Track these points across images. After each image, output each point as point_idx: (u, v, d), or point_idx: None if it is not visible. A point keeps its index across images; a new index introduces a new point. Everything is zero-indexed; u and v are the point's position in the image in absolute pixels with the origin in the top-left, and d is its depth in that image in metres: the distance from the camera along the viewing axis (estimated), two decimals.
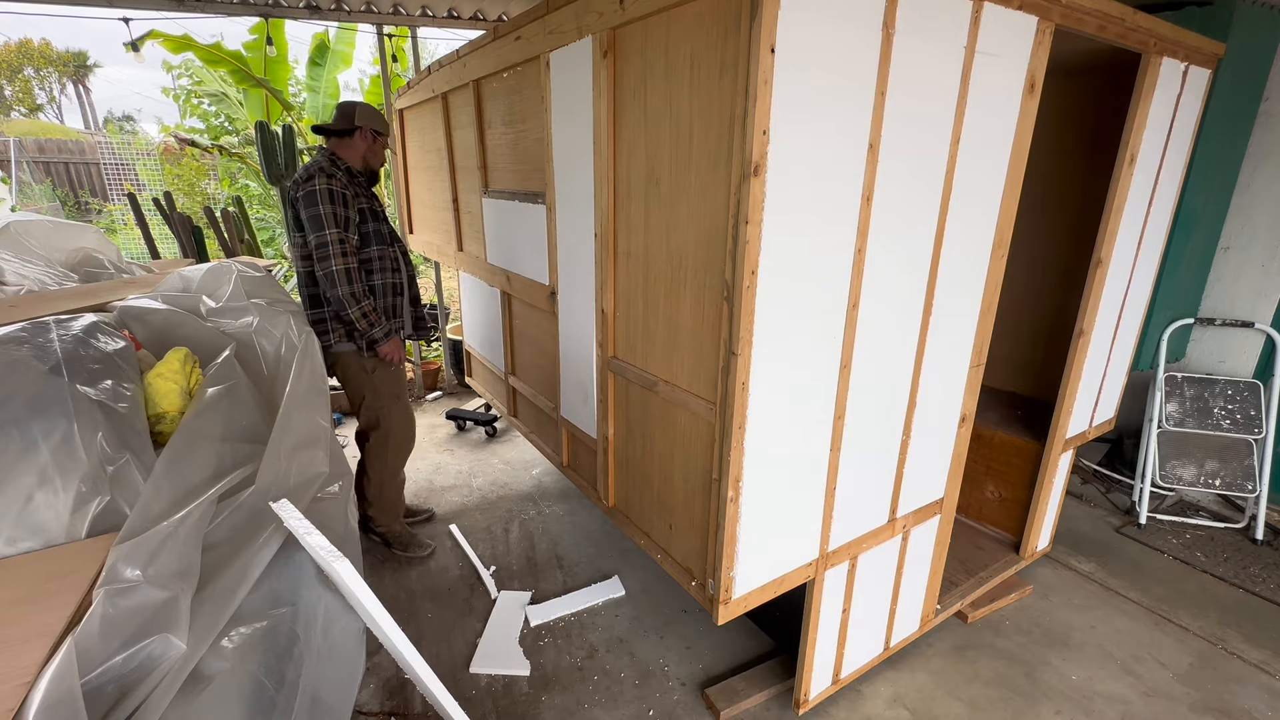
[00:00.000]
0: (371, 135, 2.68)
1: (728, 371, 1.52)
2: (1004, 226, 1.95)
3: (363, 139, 2.66)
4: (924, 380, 1.94)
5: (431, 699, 1.51)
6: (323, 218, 2.43)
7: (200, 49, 5.33)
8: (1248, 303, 3.32)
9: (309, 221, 2.46)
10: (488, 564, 3.00)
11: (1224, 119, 2.96)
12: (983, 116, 1.74)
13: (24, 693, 0.98)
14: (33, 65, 17.25)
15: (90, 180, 10.34)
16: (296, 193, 2.49)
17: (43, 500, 1.34)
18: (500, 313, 3.12)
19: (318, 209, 2.44)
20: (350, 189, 2.55)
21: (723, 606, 1.71)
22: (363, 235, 2.61)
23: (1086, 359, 2.52)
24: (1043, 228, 3.05)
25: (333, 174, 2.51)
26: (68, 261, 2.79)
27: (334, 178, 2.49)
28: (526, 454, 4.13)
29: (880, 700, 2.24)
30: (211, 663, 1.20)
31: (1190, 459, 3.33)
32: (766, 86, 1.30)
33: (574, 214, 2.15)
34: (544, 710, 2.21)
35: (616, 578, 2.87)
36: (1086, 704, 2.23)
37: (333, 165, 2.55)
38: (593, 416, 2.30)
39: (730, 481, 1.59)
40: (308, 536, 1.33)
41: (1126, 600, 2.77)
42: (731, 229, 1.43)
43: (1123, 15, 1.93)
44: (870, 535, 2.02)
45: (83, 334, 1.65)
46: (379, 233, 2.66)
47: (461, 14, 4.38)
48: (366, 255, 2.64)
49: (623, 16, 1.68)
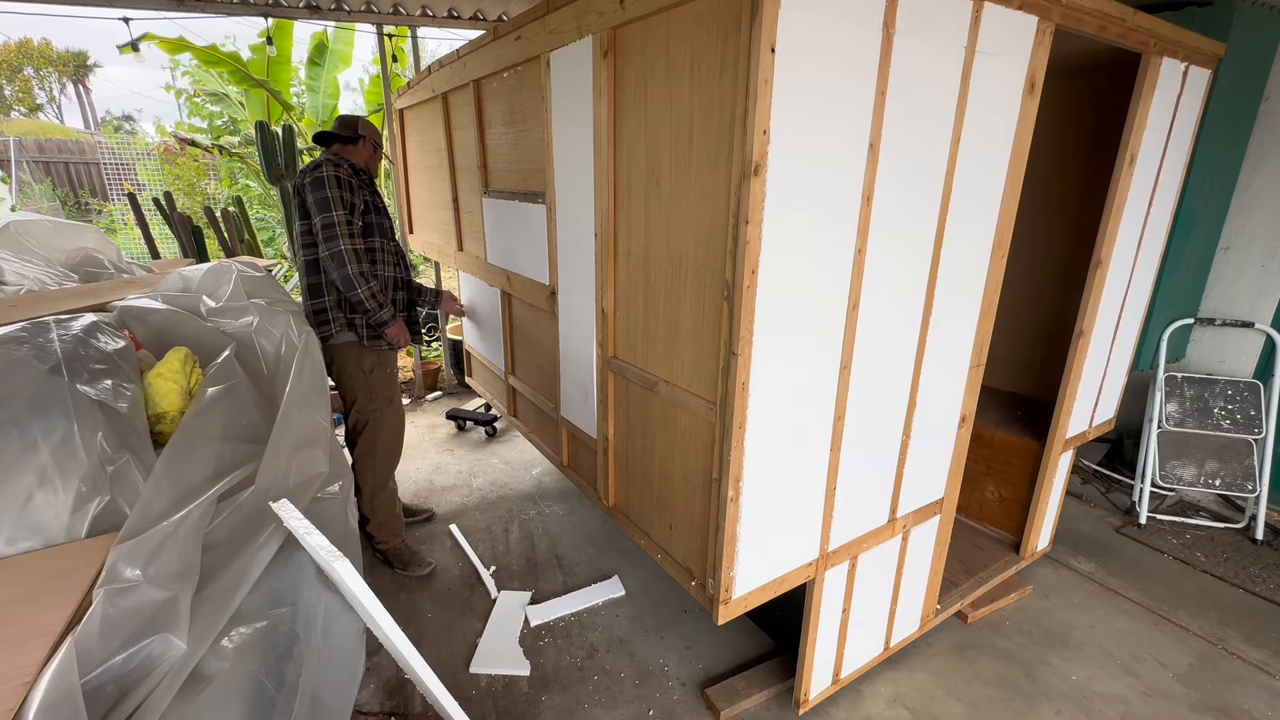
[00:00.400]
0: (372, 146, 2.76)
1: (728, 371, 1.52)
2: (1004, 226, 1.95)
3: (365, 147, 2.74)
4: (924, 380, 1.94)
5: (431, 699, 1.51)
6: (330, 200, 2.47)
7: (197, 50, 5.33)
8: (1248, 303, 3.32)
9: (316, 204, 2.48)
10: (488, 564, 3.00)
11: (1224, 119, 2.96)
12: (983, 116, 1.74)
13: (24, 692, 0.98)
14: (33, 65, 17.25)
15: (90, 180, 10.34)
16: (304, 179, 2.53)
17: (43, 500, 1.34)
18: (500, 313, 3.12)
19: (325, 192, 2.47)
20: (356, 180, 2.60)
21: (723, 606, 1.71)
22: (365, 225, 2.64)
23: (1086, 359, 2.52)
24: (1043, 228, 3.05)
25: (339, 164, 2.56)
26: (68, 261, 2.79)
27: (340, 167, 2.55)
28: (526, 454, 4.13)
29: (880, 700, 2.24)
30: (211, 663, 1.20)
31: (1190, 459, 3.33)
32: (767, 86, 1.30)
33: (574, 214, 2.15)
34: (544, 710, 2.21)
35: (616, 578, 2.87)
36: (1086, 704, 2.23)
37: (339, 159, 2.60)
38: (593, 416, 2.30)
39: (730, 481, 1.59)
40: (308, 536, 1.33)
41: (1126, 600, 2.77)
42: (732, 229, 1.43)
43: (1123, 15, 1.93)
44: (870, 535, 2.02)
45: (83, 334, 1.65)
46: (381, 226, 2.70)
47: (461, 14, 4.38)
48: (370, 244, 2.66)
49: (623, 16, 1.68)
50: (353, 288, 2.50)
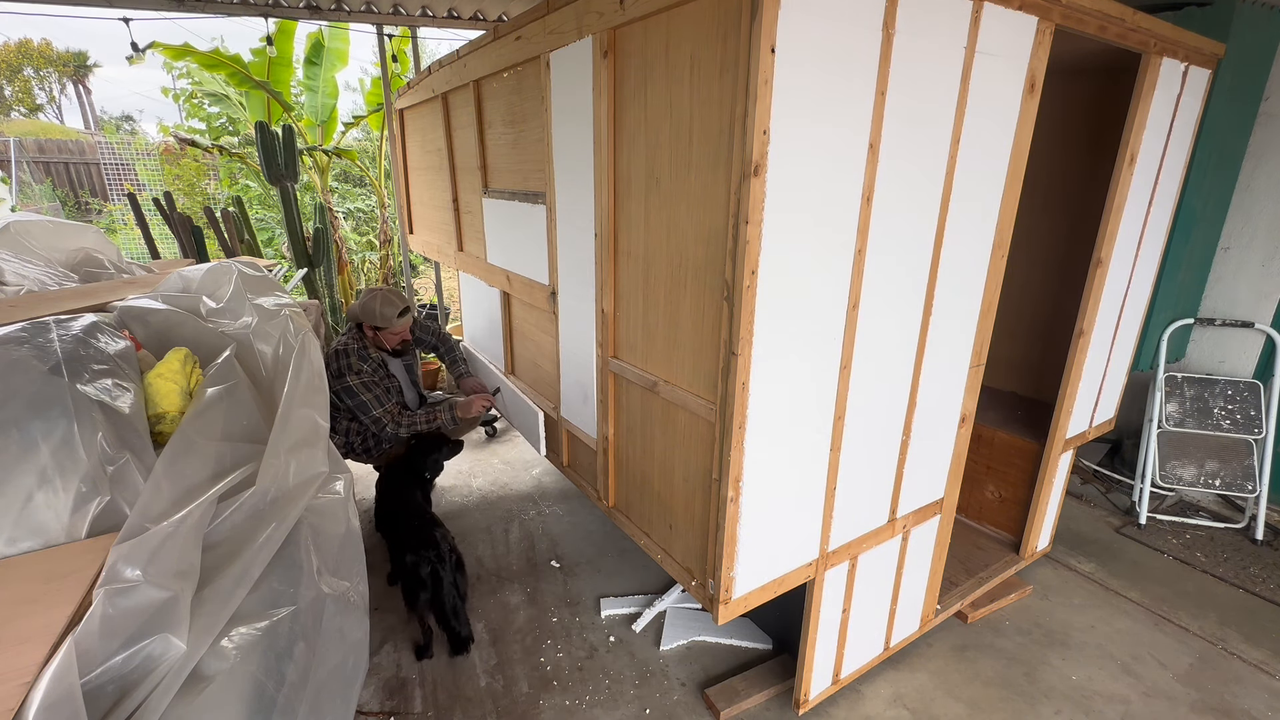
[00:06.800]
0: (370, 330, 2.98)
1: (728, 371, 1.52)
2: (1004, 226, 1.95)
3: (367, 331, 3.01)
4: (924, 380, 1.94)
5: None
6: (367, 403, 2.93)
7: (200, 55, 5.33)
8: (1248, 303, 3.32)
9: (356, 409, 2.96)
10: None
11: (1224, 119, 2.95)
12: (983, 116, 1.74)
13: (24, 692, 0.98)
14: (33, 65, 17.25)
15: (90, 180, 10.34)
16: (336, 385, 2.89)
17: (43, 500, 1.34)
18: (500, 313, 3.12)
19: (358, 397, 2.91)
20: (365, 359, 2.98)
21: (723, 606, 1.71)
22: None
23: (1086, 359, 2.52)
24: (1043, 228, 3.04)
25: (358, 353, 2.96)
26: (68, 261, 2.78)
27: (351, 356, 2.94)
28: (526, 454, 4.13)
29: (880, 700, 2.24)
30: (211, 663, 1.19)
31: (1190, 459, 3.33)
32: (767, 86, 1.30)
33: (574, 214, 2.15)
34: (544, 710, 2.21)
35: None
36: (1086, 704, 2.23)
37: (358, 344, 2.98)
38: (593, 416, 2.30)
39: (730, 481, 1.59)
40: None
41: (1126, 600, 2.77)
42: (732, 229, 1.43)
43: (1123, 15, 1.93)
44: (870, 535, 2.02)
45: (83, 334, 1.65)
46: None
47: (461, 14, 4.37)
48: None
49: (623, 16, 1.68)
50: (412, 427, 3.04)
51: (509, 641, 2.53)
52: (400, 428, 2.96)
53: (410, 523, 2.57)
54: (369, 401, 2.91)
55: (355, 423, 3.08)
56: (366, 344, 3.02)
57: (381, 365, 3.07)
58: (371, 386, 2.94)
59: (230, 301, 2.11)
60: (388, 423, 2.94)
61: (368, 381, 2.94)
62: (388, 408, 2.96)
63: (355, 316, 3.01)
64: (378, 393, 2.95)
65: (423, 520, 2.59)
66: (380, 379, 3.01)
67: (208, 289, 2.19)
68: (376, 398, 2.93)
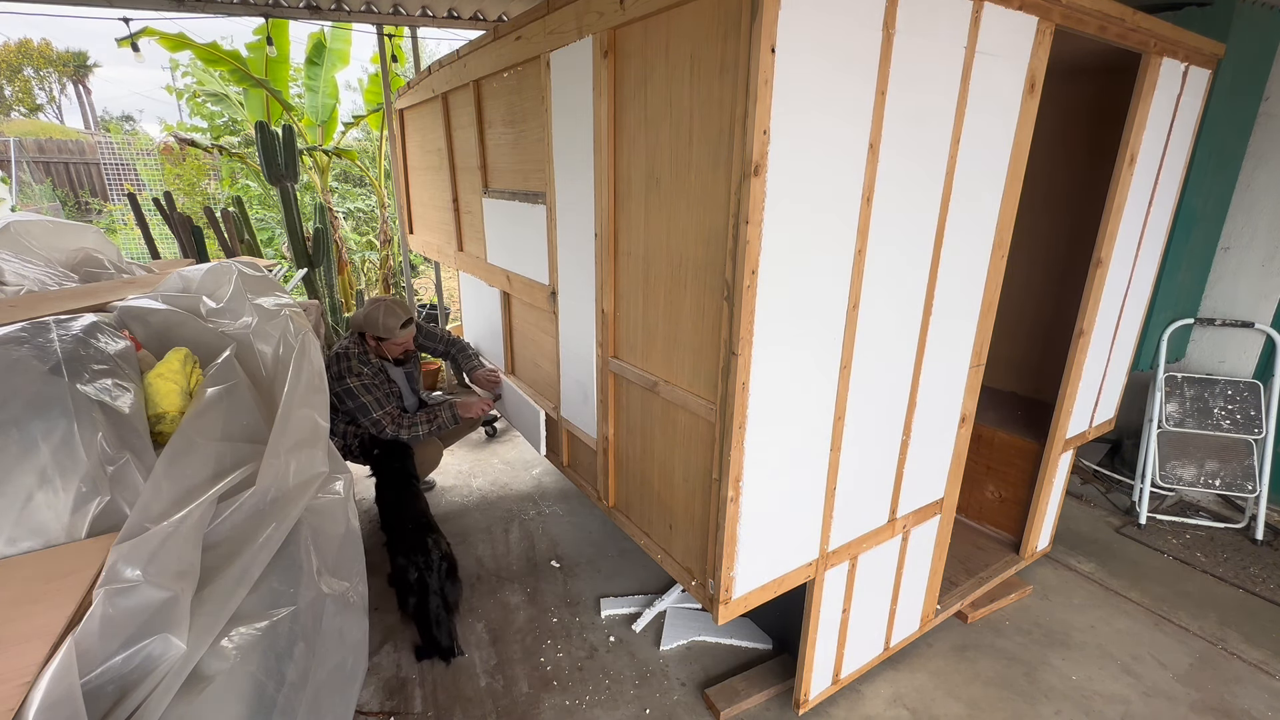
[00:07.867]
0: (373, 340, 3.01)
1: (728, 371, 1.52)
2: (1004, 226, 1.95)
3: (369, 340, 3.03)
4: (924, 380, 1.93)
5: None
6: (368, 405, 2.95)
7: (198, 48, 5.32)
8: (1248, 303, 3.32)
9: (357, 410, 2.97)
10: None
11: (1224, 119, 2.95)
12: (983, 116, 1.74)
13: (24, 692, 0.98)
14: (33, 65, 17.25)
15: (90, 180, 10.34)
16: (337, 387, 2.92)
17: (43, 500, 1.34)
18: (500, 313, 3.12)
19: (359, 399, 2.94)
20: (366, 365, 3.01)
21: (723, 606, 1.71)
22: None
23: (1086, 359, 2.52)
24: (1043, 228, 3.04)
25: (359, 356, 3.00)
26: (68, 261, 2.78)
27: (352, 359, 2.97)
28: (526, 454, 4.13)
29: (880, 700, 2.24)
30: (211, 663, 1.19)
31: (1190, 459, 3.33)
32: (767, 86, 1.30)
33: (574, 214, 2.15)
34: (544, 710, 2.21)
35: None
36: (1086, 704, 2.23)
37: (360, 350, 3.01)
38: (593, 416, 2.30)
39: (730, 481, 1.59)
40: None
41: (1126, 600, 2.77)
42: (732, 229, 1.43)
43: (1123, 15, 1.93)
44: (870, 535, 2.02)
45: (83, 334, 1.65)
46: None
47: (461, 14, 4.37)
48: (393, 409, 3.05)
49: (623, 16, 1.68)
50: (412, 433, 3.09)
51: (509, 641, 2.53)
52: (400, 430, 2.96)
53: (405, 526, 2.57)
54: (369, 404, 2.92)
55: (353, 426, 3.08)
56: (368, 350, 3.02)
57: (382, 370, 3.08)
58: (372, 389, 2.95)
59: (230, 301, 2.11)
60: (388, 425, 2.95)
61: (368, 384, 2.95)
62: (388, 410, 2.96)
63: (358, 326, 3.01)
64: (378, 395, 2.95)
65: (417, 524, 2.59)
66: (380, 382, 3.02)
67: (208, 289, 2.19)
68: (377, 400, 2.94)
